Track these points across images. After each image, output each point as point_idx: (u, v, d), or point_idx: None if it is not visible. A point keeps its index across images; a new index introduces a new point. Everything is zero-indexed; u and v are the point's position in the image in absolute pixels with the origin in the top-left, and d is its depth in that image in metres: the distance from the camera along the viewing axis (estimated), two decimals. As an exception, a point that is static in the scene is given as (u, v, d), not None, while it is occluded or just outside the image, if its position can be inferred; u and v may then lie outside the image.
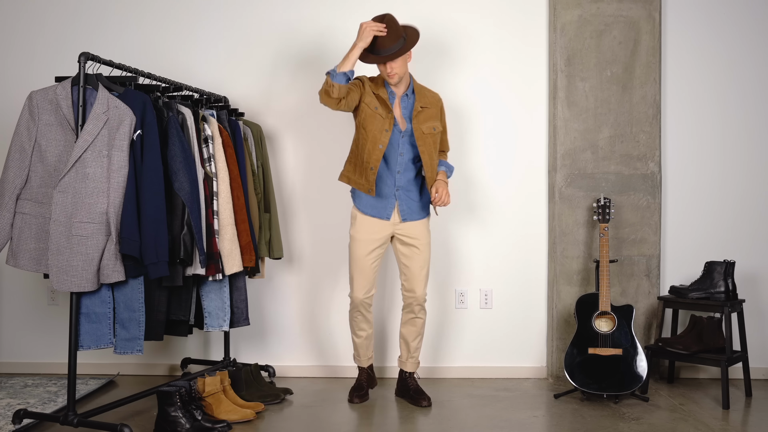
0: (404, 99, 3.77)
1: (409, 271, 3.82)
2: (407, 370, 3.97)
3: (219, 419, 3.41)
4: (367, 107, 3.69)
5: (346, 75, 3.55)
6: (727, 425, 3.56)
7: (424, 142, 3.74)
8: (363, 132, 3.72)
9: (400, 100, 3.76)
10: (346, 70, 3.54)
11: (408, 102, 3.77)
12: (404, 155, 3.74)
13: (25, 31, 4.54)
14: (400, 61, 3.64)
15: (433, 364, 4.46)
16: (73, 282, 3.11)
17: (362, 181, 3.73)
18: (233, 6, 4.52)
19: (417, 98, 3.77)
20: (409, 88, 3.78)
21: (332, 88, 3.53)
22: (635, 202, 4.39)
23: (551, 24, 4.44)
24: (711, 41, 4.49)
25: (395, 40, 3.59)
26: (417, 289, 3.82)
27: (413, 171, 3.79)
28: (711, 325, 4.07)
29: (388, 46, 3.59)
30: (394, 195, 3.76)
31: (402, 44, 3.62)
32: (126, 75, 3.43)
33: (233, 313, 3.85)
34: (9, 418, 3.43)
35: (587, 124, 4.40)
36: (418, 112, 3.74)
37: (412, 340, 3.92)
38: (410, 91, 3.78)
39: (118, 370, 4.46)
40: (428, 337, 4.44)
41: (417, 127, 3.73)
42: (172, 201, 3.39)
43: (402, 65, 3.66)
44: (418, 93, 3.78)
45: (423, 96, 3.79)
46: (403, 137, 3.74)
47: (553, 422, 3.62)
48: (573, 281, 4.38)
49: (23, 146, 3.23)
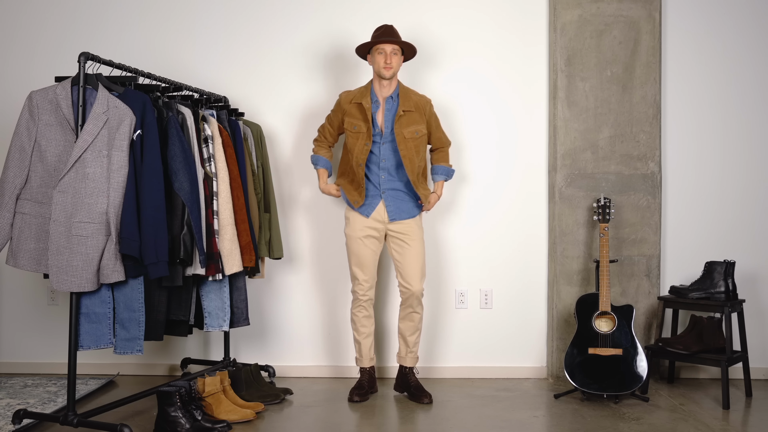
0: (389, 101, 3.89)
1: (402, 266, 3.90)
2: (407, 366, 4.00)
3: (219, 419, 3.41)
4: (348, 130, 3.91)
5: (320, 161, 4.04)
6: (728, 425, 3.56)
7: (405, 146, 3.85)
8: (347, 151, 3.95)
9: (384, 102, 3.88)
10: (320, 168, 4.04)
11: (392, 105, 3.88)
12: (387, 160, 3.87)
13: (25, 31, 4.54)
14: (397, 57, 3.83)
15: (433, 364, 4.46)
16: (73, 282, 3.11)
17: (354, 195, 3.90)
18: (233, 6, 4.52)
19: (401, 102, 3.88)
20: (394, 92, 3.90)
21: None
22: (635, 202, 4.39)
23: (551, 24, 4.44)
24: (711, 41, 4.49)
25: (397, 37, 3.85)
26: (413, 283, 3.88)
27: (398, 174, 3.89)
28: (711, 325, 4.06)
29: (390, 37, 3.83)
30: (380, 196, 3.88)
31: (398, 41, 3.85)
32: (126, 75, 3.43)
33: (233, 313, 3.85)
34: (9, 418, 3.43)
35: (587, 124, 4.40)
36: (400, 116, 3.85)
37: (410, 335, 3.97)
38: (395, 94, 3.90)
39: (118, 370, 4.45)
40: (428, 337, 4.45)
41: (398, 132, 3.84)
42: (172, 201, 3.39)
43: (398, 62, 3.85)
44: (402, 97, 3.90)
45: (407, 99, 3.89)
46: (384, 144, 3.86)
47: (553, 422, 3.62)
48: (573, 281, 4.38)
49: (23, 146, 3.23)
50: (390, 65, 3.80)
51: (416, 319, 3.96)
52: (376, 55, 3.83)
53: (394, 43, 3.81)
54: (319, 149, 4.07)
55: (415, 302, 3.92)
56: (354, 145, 3.88)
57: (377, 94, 3.89)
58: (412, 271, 3.88)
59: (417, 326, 3.97)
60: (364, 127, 3.85)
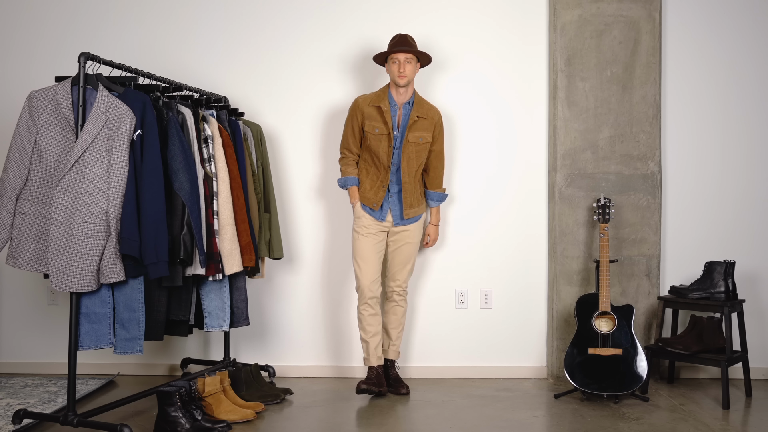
0: (405, 107, 4.00)
1: (393, 261, 4.08)
2: (389, 358, 4.12)
3: (219, 419, 3.41)
4: (369, 132, 3.97)
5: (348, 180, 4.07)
6: (727, 425, 3.56)
7: (406, 149, 3.96)
8: (372, 154, 3.99)
9: (402, 108, 3.99)
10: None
11: (407, 111, 3.99)
12: (396, 164, 3.98)
13: (25, 31, 4.54)
14: (411, 66, 3.93)
15: (433, 364, 4.46)
16: (73, 282, 3.11)
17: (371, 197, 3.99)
18: (233, 6, 4.52)
19: (415, 108, 3.99)
20: (410, 99, 4.01)
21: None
22: (635, 202, 4.39)
23: (551, 24, 4.44)
24: (711, 41, 4.49)
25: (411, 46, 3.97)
26: (399, 276, 4.08)
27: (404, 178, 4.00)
28: (711, 325, 4.06)
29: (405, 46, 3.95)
30: (387, 200, 4.00)
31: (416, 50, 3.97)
32: (126, 75, 3.43)
33: (233, 313, 3.85)
34: (9, 418, 3.43)
35: (587, 124, 4.40)
36: (414, 122, 3.96)
37: (393, 328, 4.12)
38: (411, 101, 4.00)
39: (118, 370, 4.45)
40: (428, 337, 4.45)
41: (407, 137, 3.95)
42: (172, 201, 3.39)
43: (412, 70, 3.96)
44: (416, 104, 4.00)
45: (421, 107, 4.01)
46: (397, 149, 3.97)
47: (553, 422, 3.62)
48: (573, 281, 4.38)
49: (23, 146, 3.23)
50: (404, 74, 3.91)
51: (399, 312, 4.12)
52: (391, 63, 3.95)
53: (407, 53, 3.91)
54: (347, 167, 4.07)
55: (398, 297, 4.09)
56: (378, 148, 3.96)
57: (395, 99, 3.99)
58: (401, 267, 4.07)
59: (400, 320, 4.13)
60: (386, 130, 3.94)
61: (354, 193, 4.04)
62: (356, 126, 4.00)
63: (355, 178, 4.05)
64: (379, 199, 3.97)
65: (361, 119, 3.98)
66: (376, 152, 3.95)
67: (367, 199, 3.99)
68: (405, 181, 3.98)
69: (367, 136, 3.97)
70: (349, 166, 4.07)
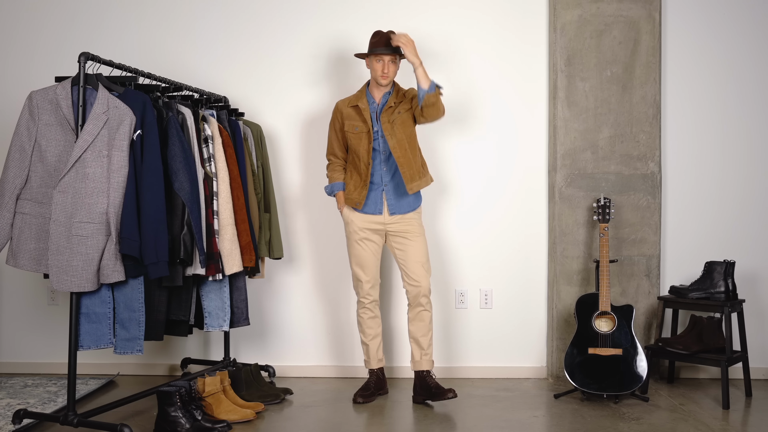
0: (383, 98, 3.92)
1: (406, 263, 3.88)
2: (424, 369, 3.89)
3: (219, 419, 3.41)
4: (350, 132, 3.92)
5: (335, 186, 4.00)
6: (727, 425, 3.56)
7: (392, 134, 3.86)
8: (352, 153, 3.93)
9: (380, 101, 3.92)
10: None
11: (384, 100, 3.92)
12: (385, 153, 3.88)
13: (25, 31, 4.54)
14: (394, 66, 3.85)
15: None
16: (73, 282, 3.11)
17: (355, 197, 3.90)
18: (233, 6, 4.52)
19: (392, 96, 3.91)
20: (389, 91, 3.93)
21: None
22: (635, 202, 4.39)
23: (551, 24, 4.44)
24: (711, 41, 4.49)
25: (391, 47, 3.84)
26: (419, 279, 3.85)
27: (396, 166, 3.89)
28: (711, 325, 4.06)
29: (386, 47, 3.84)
30: (382, 190, 3.88)
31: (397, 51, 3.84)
32: (126, 75, 3.43)
33: (233, 313, 3.85)
34: (9, 418, 3.43)
35: (587, 124, 4.40)
36: (389, 106, 3.88)
37: (422, 336, 3.89)
38: (389, 92, 3.93)
39: (118, 370, 4.46)
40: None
41: (384, 121, 3.87)
42: (172, 201, 3.39)
43: (395, 70, 3.88)
44: (394, 92, 3.93)
45: (398, 93, 3.94)
46: (381, 138, 3.88)
47: (553, 422, 3.62)
48: (573, 281, 4.38)
49: (23, 146, 3.23)
50: (387, 75, 3.83)
51: (427, 318, 3.89)
52: (374, 62, 3.84)
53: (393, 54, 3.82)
54: (333, 173, 4.01)
55: (423, 300, 3.87)
56: (358, 146, 3.88)
57: (373, 96, 3.93)
58: (417, 267, 3.85)
59: (428, 326, 3.89)
60: (365, 128, 3.87)
61: (341, 198, 3.96)
62: (338, 128, 3.95)
63: (341, 183, 3.97)
64: (361, 198, 3.86)
65: (341, 120, 3.93)
66: (357, 151, 3.88)
67: (350, 200, 3.90)
68: (398, 156, 3.83)
69: (348, 136, 3.90)
70: (336, 172, 4.00)
